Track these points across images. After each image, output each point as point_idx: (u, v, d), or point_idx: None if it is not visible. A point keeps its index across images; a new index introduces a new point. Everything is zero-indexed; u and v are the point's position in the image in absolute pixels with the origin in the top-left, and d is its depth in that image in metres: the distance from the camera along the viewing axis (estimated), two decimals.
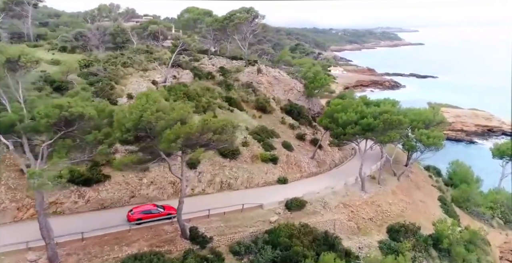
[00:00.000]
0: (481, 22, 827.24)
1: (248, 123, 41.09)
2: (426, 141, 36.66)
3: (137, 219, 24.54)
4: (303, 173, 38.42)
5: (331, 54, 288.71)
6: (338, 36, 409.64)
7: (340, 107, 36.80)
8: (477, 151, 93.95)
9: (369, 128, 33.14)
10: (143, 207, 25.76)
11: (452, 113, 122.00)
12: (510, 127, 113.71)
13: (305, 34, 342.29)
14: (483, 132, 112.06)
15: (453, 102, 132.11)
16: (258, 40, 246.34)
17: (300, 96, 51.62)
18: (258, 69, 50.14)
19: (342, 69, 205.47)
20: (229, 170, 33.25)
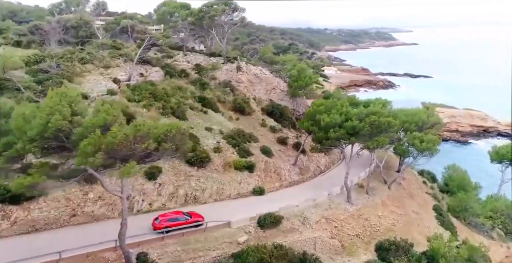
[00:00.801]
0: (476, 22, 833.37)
1: (223, 126, 36.95)
2: (419, 145, 32.84)
3: (164, 228, 23.09)
4: (283, 182, 34.35)
5: (326, 54, 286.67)
6: (333, 36, 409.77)
7: (323, 108, 32.82)
8: (473, 152, 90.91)
9: (355, 132, 29.19)
10: (169, 214, 24.39)
11: (446, 114, 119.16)
12: (505, 127, 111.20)
13: (299, 34, 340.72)
14: (478, 133, 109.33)
15: (448, 102, 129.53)
16: (251, 40, 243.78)
17: (284, 96, 47.58)
18: (237, 66, 46.01)
19: (336, 69, 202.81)
20: (196, 181, 29.04)
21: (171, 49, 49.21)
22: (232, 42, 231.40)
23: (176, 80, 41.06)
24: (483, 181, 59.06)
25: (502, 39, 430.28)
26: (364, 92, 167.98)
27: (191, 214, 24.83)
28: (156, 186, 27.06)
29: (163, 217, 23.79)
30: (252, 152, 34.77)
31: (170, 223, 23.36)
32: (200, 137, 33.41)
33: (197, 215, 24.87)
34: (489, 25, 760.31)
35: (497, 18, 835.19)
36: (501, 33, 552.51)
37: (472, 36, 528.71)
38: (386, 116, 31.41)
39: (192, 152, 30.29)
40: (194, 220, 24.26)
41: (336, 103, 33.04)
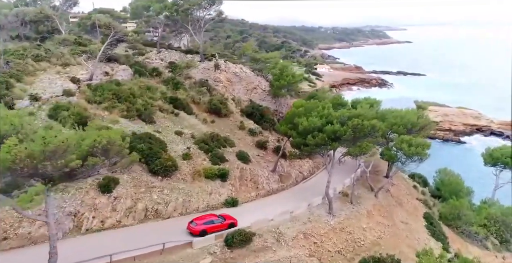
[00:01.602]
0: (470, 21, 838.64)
1: (195, 130, 33.77)
2: (407, 150, 30.02)
3: (201, 231, 22.89)
4: (260, 191, 31.34)
5: (319, 52, 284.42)
6: (327, 34, 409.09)
7: (302, 110, 29.83)
8: (466, 152, 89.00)
9: (336, 137, 26.23)
10: (204, 217, 24.19)
11: (439, 112, 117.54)
12: (498, 126, 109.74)
13: (293, 32, 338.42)
14: (471, 131, 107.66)
15: (441, 100, 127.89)
16: (243, 38, 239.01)
17: (266, 96, 44.51)
18: (215, 64, 42.76)
19: (328, 67, 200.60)
20: (158, 193, 25.84)
21: (145, 46, 45.77)
22: (224, 40, 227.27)
23: (146, 79, 37.72)
24: (476, 183, 56.93)
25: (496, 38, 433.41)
26: (357, 90, 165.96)
27: (224, 216, 24.74)
28: (110, 200, 23.79)
29: (199, 220, 23.53)
30: (226, 158, 31.68)
31: (207, 226, 23.20)
32: (168, 142, 30.22)
33: (230, 217, 24.77)
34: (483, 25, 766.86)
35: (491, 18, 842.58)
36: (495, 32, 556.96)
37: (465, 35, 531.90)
38: (371, 119, 28.58)
39: (157, 159, 27.20)
40: (228, 223, 24.20)
41: (317, 105, 30.07)
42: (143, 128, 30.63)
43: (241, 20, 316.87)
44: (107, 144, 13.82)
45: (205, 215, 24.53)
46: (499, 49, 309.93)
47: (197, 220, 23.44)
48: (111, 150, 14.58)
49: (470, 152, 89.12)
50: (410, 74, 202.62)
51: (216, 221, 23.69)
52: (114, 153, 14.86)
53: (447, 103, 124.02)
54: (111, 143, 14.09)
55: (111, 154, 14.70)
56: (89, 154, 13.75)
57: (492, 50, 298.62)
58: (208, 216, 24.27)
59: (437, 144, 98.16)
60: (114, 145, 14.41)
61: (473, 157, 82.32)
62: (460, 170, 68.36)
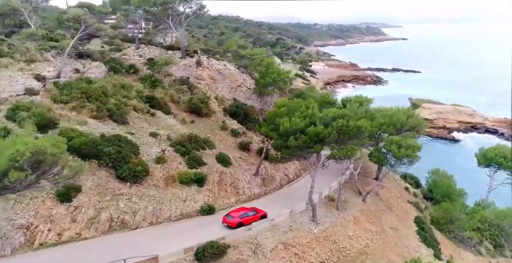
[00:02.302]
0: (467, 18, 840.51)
1: (173, 131, 31.58)
2: (397, 152, 28.15)
3: (238, 223, 23.88)
4: (241, 196, 29.32)
5: (314, 49, 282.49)
6: (323, 31, 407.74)
7: (284, 110, 27.75)
8: (460, 151, 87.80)
9: (319, 139, 24.25)
10: (238, 210, 25.34)
11: (434, 110, 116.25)
12: (493, 123, 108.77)
13: (288, 29, 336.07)
14: (466, 129, 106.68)
15: (435, 97, 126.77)
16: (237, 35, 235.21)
17: (251, 94, 42.34)
18: (197, 61, 40.45)
19: (323, 65, 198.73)
20: (126, 201, 23.70)
21: (124, 42, 43.29)
22: (218, 37, 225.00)
23: (122, 77, 35.37)
24: (471, 182, 55.52)
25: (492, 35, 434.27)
26: (352, 88, 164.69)
27: (254, 209, 25.65)
28: (70, 210, 21.61)
29: (235, 213, 24.66)
30: (205, 161, 29.59)
31: (243, 219, 24.16)
32: (141, 145, 28.04)
33: (260, 210, 25.62)
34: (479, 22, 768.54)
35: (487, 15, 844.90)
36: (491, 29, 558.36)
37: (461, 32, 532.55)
38: (358, 119, 26.64)
39: (125, 164, 25.04)
40: (260, 215, 25.11)
41: (300, 104, 28.03)
42: (114, 130, 28.38)
43: (236, 17, 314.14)
44: (34, 155, 11.64)
45: (238, 209, 25.72)
46: (495, 46, 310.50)
47: (232, 213, 24.66)
48: (44, 161, 12.40)
49: (465, 150, 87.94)
50: (405, 71, 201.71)
51: (250, 213, 24.91)
52: (48, 164, 12.70)
53: (442, 100, 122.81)
54: (40, 153, 11.90)
55: (45, 165, 12.53)
56: (13, 167, 11.57)
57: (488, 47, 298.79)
58: (242, 209, 25.51)
59: (431, 142, 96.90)
60: (46, 155, 12.23)
61: (468, 155, 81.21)
62: (454, 169, 67.00)
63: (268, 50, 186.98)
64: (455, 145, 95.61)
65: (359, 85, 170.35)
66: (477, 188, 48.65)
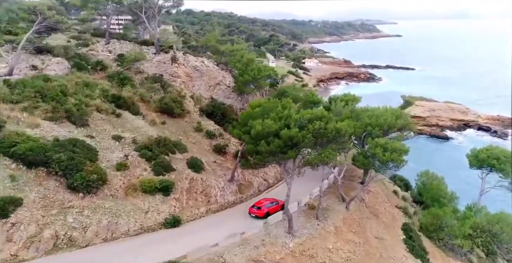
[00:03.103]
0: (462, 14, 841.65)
1: (140, 133, 28.88)
2: (381, 156, 25.83)
3: (265, 213, 25.61)
4: (212, 205, 26.81)
5: (309, 46, 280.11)
6: (318, 28, 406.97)
7: (259, 111, 25.18)
8: (452, 149, 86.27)
9: (293, 144, 21.78)
10: (263, 202, 26.88)
11: (426, 107, 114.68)
12: (485, 121, 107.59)
13: (282, 26, 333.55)
14: (458, 127, 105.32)
15: (428, 94, 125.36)
16: (229, 31, 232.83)
17: (230, 93, 39.68)
18: (172, 57, 37.60)
19: (317, 61, 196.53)
20: (76, 214, 21.05)
21: (95, 37, 40.22)
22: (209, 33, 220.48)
23: (87, 74, 32.47)
24: (463, 183, 53.79)
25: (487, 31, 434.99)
26: (345, 85, 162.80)
27: (274, 200, 27.29)
28: (6, 228, 18.90)
29: (261, 205, 26.32)
30: (174, 167, 27.03)
31: (269, 208, 26.08)
32: (101, 149, 25.36)
33: (280, 201, 26.67)
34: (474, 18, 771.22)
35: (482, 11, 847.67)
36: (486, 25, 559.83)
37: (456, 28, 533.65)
38: (343, 119, 24.25)
39: (78, 172, 22.36)
40: (281, 204, 25.91)
41: (276, 105, 25.50)
42: (71, 133, 25.62)
43: (230, 13, 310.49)
44: None
45: (261, 200, 27.26)
46: (490, 42, 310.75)
47: (259, 204, 26.32)
48: None
49: (457, 148, 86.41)
50: (399, 68, 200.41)
51: (274, 204, 26.65)
52: None
53: (435, 97, 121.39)
54: None
55: None
56: None
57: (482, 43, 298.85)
58: (265, 200, 27.17)
59: (424, 140, 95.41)
60: None
61: (460, 154, 79.75)
62: (447, 169, 65.48)
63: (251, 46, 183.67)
64: (448, 143, 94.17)
65: (352, 82, 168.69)
66: (470, 189, 46.86)
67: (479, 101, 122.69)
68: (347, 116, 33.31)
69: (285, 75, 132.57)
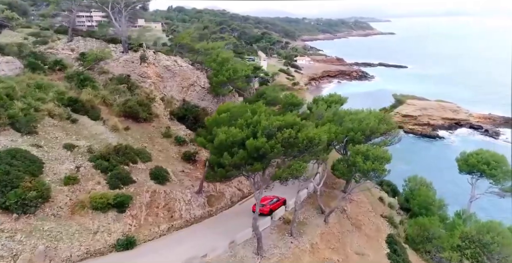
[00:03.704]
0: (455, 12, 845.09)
1: (98, 141, 26.01)
2: (362, 165, 23.45)
3: (269, 210, 25.80)
4: (176, 222, 24.15)
5: (301, 44, 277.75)
6: (311, 25, 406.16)
7: (226, 116, 22.54)
8: (444, 149, 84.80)
9: (259, 155, 19.21)
10: (265, 200, 26.11)
11: (418, 106, 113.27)
12: (477, 120, 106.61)
13: (275, 23, 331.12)
14: (450, 126, 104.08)
15: (421, 92, 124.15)
16: (221, 29, 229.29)
17: (206, 94, 36.91)
18: (141, 56, 34.66)
19: (309, 59, 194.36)
20: (6, 239, 18.12)
21: (58, 33, 37.00)
22: (201, 31, 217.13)
23: (41, 75, 29.41)
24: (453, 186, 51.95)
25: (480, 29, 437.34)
26: (337, 83, 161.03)
27: (275, 197, 27.00)
28: None
29: (264, 202, 25.60)
30: (133, 179, 24.30)
31: (272, 205, 26.29)
32: (48, 161, 22.49)
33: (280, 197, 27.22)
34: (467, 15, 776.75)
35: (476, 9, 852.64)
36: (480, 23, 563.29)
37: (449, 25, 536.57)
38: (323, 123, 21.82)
39: (13, 189, 19.50)
40: (282, 200, 27.09)
41: (246, 109, 22.88)
42: (14, 142, 22.69)
43: (222, 11, 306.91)
44: None
45: (263, 198, 25.06)
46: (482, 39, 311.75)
47: (262, 202, 24.66)
48: None
49: (449, 148, 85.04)
50: (392, 66, 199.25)
51: (275, 200, 26.82)
52: None
53: (427, 95, 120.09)
54: None
55: None
56: None
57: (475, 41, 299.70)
58: (268, 198, 26.39)
59: (415, 140, 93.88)
60: None
61: (451, 154, 78.27)
62: (437, 169, 63.71)
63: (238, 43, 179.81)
64: (439, 143, 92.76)
65: (344, 81, 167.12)
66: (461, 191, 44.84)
67: (471, 99, 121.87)
68: (329, 119, 30.98)
69: (276, 73, 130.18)
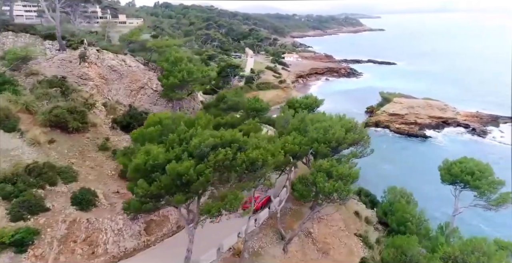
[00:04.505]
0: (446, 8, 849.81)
1: (9, 159, 21.46)
2: (322, 186, 19.57)
3: (260, 206, 26.84)
4: (98, 259, 19.84)
5: (291, 41, 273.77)
6: (301, 22, 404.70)
7: (155, 131, 18.26)
8: (430, 149, 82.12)
9: (184, 183, 15.06)
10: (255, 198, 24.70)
11: (405, 104, 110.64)
12: (464, 118, 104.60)
13: (264, 20, 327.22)
14: (437, 125, 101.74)
15: (409, 89, 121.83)
16: (207, 25, 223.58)
17: (158, 98, 32.48)
18: (80, 55, 29.95)
19: (297, 56, 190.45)
20: None
21: None
22: (186, 27, 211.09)
23: None
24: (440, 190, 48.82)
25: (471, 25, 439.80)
26: (325, 80, 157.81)
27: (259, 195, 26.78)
28: None
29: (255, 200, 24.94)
30: (47, 206, 19.89)
31: (262, 202, 27.12)
32: None
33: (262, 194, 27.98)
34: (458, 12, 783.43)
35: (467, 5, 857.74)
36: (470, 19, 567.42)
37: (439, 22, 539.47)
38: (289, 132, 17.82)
39: None
40: (268, 197, 27.25)
41: (179, 118, 18.65)
42: None
43: (210, 7, 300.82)
44: None
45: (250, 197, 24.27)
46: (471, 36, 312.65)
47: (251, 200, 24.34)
48: None
49: (436, 149, 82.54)
50: (381, 63, 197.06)
51: (262, 197, 27.25)
52: None
53: (415, 92, 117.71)
54: None
55: None
56: None
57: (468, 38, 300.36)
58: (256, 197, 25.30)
59: (401, 140, 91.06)
60: None
61: (438, 155, 75.64)
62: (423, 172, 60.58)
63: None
64: (426, 143, 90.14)
65: (332, 78, 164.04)
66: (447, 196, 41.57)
67: (459, 97, 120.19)
68: (294, 127, 27.04)
69: (261, 71, 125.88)
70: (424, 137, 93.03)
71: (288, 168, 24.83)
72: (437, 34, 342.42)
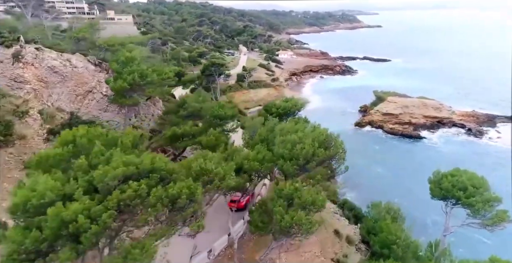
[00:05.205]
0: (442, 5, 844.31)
1: None
2: (279, 219, 15.79)
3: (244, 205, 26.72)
4: None
5: (286, 37, 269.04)
6: (298, 18, 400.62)
7: (66, 152, 14.28)
8: (425, 151, 78.76)
9: (74, 234, 11.13)
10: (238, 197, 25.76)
11: (399, 103, 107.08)
12: (460, 117, 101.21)
13: (260, 16, 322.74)
14: (432, 125, 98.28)
15: (404, 87, 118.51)
16: (200, 21, 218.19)
17: (109, 104, 28.40)
18: (14, 54, 25.80)
19: (291, 54, 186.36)
20: None
21: None
22: (179, 23, 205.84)
23: None
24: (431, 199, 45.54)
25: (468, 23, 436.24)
26: (320, 78, 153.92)
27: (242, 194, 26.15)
28: None
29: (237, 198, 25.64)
30: None
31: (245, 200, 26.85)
32: None
33: None
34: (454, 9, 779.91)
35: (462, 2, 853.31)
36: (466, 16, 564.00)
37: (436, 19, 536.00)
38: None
39: None
40: (251, 194, 27.54)
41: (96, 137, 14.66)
42: None
43: (204, 3, 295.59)
44: None
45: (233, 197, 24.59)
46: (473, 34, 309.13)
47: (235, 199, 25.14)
48: None
49: (431, 151, 79.22)
50: (376, 60, 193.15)
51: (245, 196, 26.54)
52: None
53: (411, 91, 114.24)
54: None
55: None
56: None
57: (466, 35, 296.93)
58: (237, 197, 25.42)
59: (395, 141, 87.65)
60: None
61: (433, 157, 72.33)
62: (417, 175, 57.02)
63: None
64: (420, 144, 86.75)
65: (327, 76, 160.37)
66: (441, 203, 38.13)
67: (454, 95, 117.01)
68: (261, 138, 23.24)
69: (253, 69, 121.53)
70: (419, 138, 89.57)
71: (250, 188, 21.01)
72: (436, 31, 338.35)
